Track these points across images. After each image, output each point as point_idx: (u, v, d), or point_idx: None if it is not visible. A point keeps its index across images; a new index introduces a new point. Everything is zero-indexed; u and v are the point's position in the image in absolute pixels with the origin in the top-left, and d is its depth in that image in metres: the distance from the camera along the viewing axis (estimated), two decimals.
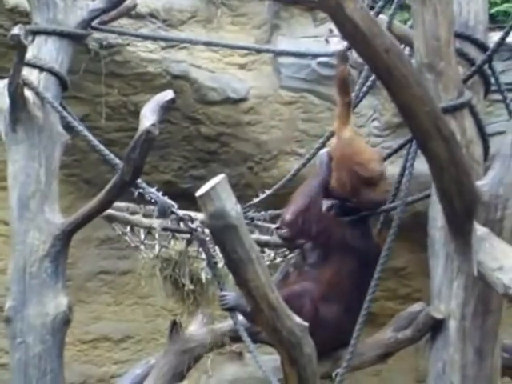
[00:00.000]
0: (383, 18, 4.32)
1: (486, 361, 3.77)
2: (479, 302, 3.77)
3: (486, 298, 3.76)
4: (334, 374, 3.73)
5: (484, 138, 4.05)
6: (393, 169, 4.41)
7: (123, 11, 5.16)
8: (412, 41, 4.09)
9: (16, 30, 4.21)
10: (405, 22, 4.57)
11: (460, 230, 3.74)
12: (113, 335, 5.86)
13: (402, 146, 4.42)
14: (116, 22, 5.22)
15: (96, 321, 5.87)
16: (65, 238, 4.27)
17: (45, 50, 4.75)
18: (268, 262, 4.08)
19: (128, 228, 4.20)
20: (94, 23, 4.95)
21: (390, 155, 4.50)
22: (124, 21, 5.44)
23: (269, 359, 3.89)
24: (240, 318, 3.83)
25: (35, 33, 4.76)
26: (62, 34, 4.77)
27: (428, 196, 4.07)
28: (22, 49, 4.31)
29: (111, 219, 4.21)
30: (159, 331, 5.34)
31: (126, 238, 4.21)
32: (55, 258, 4.23)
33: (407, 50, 4.24)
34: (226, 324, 4.14)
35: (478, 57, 4.17)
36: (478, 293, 3.76)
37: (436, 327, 3.82)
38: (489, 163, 3.98)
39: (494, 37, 4.26)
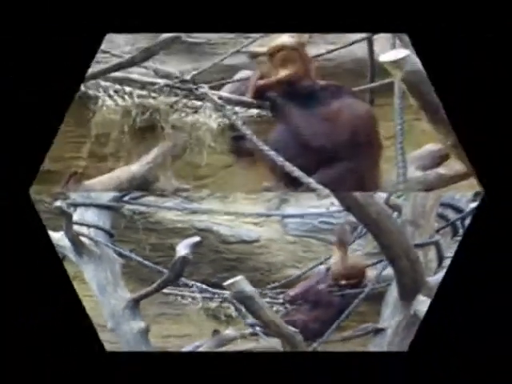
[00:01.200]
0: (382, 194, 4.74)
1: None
2: (408, 325, 4.72)
3: (413, 325, 4.60)
4: (311, 347, 4.90)
5: (441, 259, 4.89)
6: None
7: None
8: (401, 208, 4.83)
9: (58, 203, 4.91)
10: (398, 197, 5.01)
11: (407, 299, 4.64)
12: (178, 334, 6.88)
13: (376, 263, 5.25)
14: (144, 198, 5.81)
15: (166, 330, 6.88)
16: (135, 303, 5.28)
17: (87, 216, 5.39)
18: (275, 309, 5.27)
19: (179, 297, 5.48)
20: (126, 199, 5.52)
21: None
22: (151, 198, 6.07)
23: (275, 340, 4.94)
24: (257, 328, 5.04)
25: (75, 205, 5.37)
26: (98, 206, 5.39)
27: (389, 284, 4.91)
28: (68, 215, 5.04)
29: (167, 294, 5.50)
30: (206, 336, 6.15)
31: (178, 300, 5.50)
32: (131, 309, 5.28)
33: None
34: (247, 330, 5.37)
35: (454, 216, 4.97)
36: (409, 321, 4.71)
37: (379, 331, 4.84)
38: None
39: None
